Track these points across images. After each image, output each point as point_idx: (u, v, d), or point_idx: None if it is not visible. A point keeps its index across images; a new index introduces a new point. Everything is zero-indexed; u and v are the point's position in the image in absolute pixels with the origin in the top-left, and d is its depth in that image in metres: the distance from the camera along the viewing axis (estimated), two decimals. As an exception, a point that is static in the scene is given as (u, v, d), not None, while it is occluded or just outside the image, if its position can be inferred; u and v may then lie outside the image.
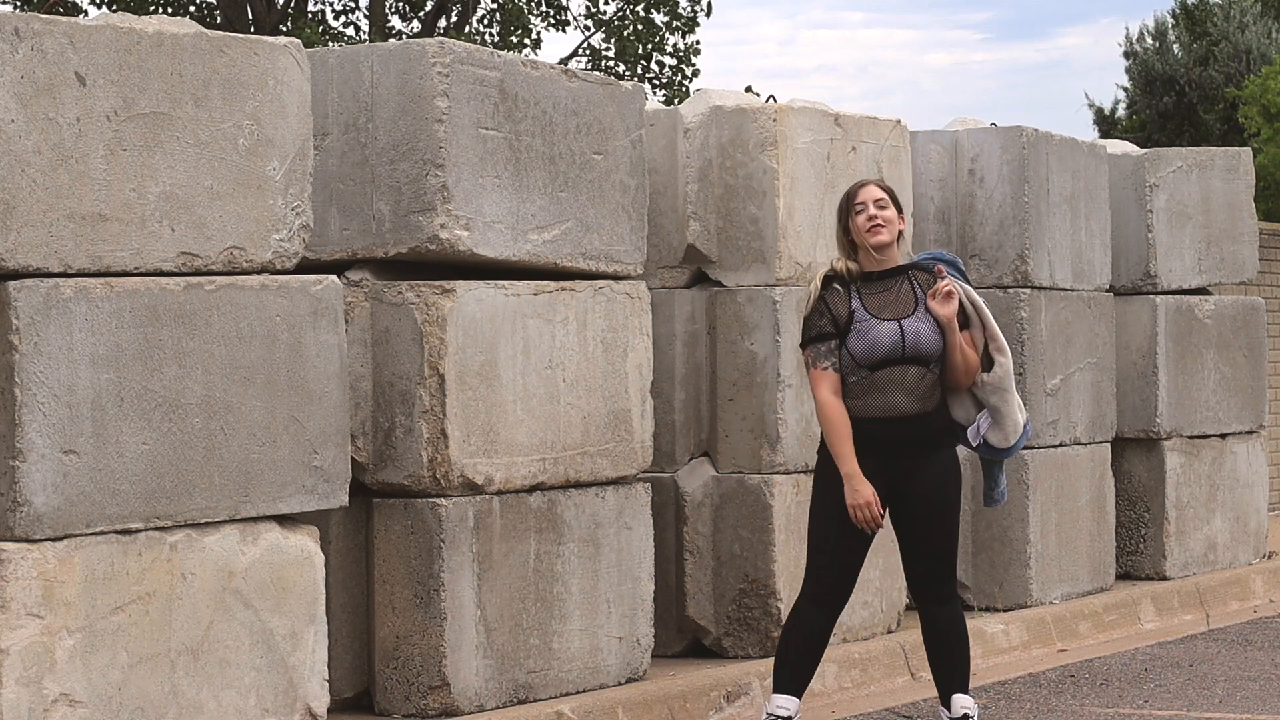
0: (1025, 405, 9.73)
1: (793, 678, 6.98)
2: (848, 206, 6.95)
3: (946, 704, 7.08)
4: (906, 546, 7.05)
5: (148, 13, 26.37)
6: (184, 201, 6.07)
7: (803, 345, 6.93)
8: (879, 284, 6.93)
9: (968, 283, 7.05)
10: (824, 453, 6.96)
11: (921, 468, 6.92)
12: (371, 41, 26.44)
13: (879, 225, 6.89)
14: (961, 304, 6.96)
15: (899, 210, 6.99)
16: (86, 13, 26.39)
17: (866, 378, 6.83)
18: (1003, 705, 8.12)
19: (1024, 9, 77.97)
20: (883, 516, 6.85)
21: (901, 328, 6.84)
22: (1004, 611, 9.64)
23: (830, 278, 6.93)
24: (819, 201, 8.62)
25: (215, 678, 6.11)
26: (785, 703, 6.95)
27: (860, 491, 6.77)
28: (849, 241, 6.96)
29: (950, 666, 7.08)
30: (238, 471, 6.17)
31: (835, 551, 6.92)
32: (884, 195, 6.94)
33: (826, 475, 6.93)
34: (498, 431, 7.17)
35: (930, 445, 6.93)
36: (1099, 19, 71.61)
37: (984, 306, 7.03)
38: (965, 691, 7.08)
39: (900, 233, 6.99)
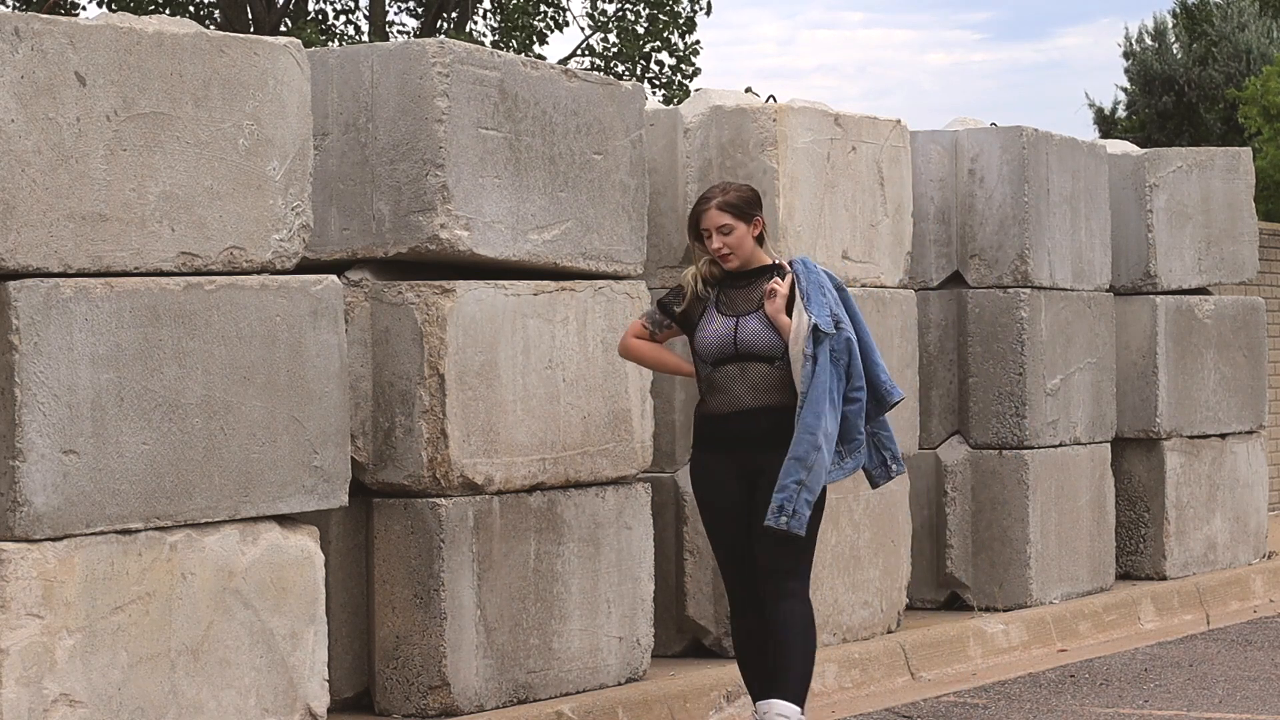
0: (1021, 410, 9.74)
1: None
2: (695, 229, 6.87)
3: (760, 701, 6.73)
4: (754, 543, 6.79)
5: (148, 13, 26.36)
6: (184, 201, 6.07)
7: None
8: (742, 281, 6.87)
9: (835, 284, 6.87)
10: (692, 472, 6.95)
11: (768, 464, 6.71)
12: (371, 41, 26.44)
13: (726, 255, 6.81)
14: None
15: (748, 217, 6.82)
16: (85, 10, 26.38)
17: (709, 374, 6.83)
18: (1003, 705, 8.12)
19: (1023, 9, 78.03)
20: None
21: (736, 325, 6.78)
22: (1004, 611, 9.64)
23: (705, 280, 6.91)
24: (819, 201, 8.62)
25: (215, 678, 6.10)
26: (785, 710, 6.76)
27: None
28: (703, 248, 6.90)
29: (775, 667, 6.71)
30: (238, 471, 6.17)
31: (726, 553, 6.88)
32: (727, 219, 6.78)
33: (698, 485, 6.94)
34: (498, 431, 7.17)
35: (778, 442, 6.71)
36: (1098, 19, 71.66)
37: (808, 313, 6.73)
38: (786, 697, 6.65)
39: (759, 235, 6.87)
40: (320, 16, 29.15)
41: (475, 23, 29.05)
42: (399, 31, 29.03)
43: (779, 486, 6.61)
